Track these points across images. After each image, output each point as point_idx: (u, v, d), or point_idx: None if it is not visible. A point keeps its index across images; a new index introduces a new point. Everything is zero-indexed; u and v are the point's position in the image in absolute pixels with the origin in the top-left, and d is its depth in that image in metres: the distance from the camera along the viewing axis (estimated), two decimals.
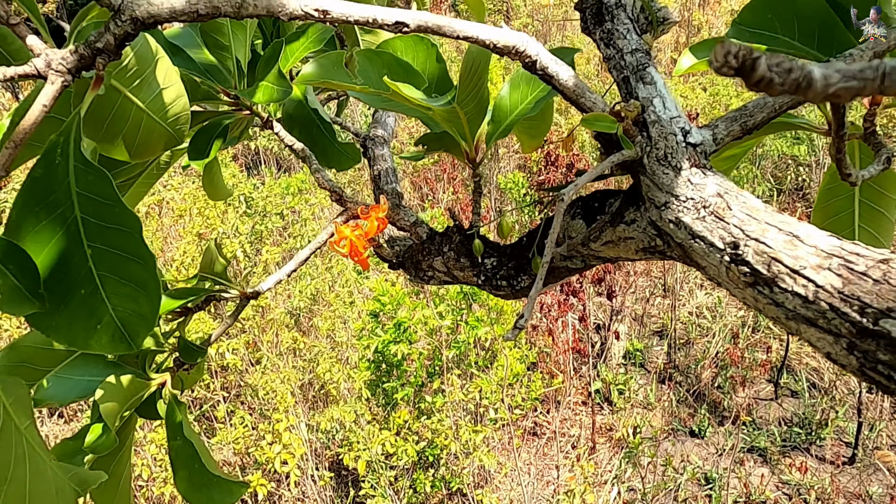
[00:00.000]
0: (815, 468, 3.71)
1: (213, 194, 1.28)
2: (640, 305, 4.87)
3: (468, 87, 0.69)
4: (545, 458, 3.96)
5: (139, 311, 0.48)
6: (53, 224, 0.46)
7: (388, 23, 0.52)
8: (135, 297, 0.48)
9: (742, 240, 0.50)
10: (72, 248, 0.47)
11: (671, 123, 0.60)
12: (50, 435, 4.08)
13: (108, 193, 0.46)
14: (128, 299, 0.48)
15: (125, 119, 0.71)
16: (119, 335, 0.48)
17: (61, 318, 0.47)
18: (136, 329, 0.49)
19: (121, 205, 0.47)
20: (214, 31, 0.94)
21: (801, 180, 5.62)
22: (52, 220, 0.46)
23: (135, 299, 0.48)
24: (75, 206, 0.47)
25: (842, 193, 0.82)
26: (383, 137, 1.31)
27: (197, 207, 4.65)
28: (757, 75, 0.21)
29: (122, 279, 0.48)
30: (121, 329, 0.48)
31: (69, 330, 0.47)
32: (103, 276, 0.48)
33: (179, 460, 0.82)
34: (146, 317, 0.48)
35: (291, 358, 3.98)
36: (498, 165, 5.91)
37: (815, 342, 0.44)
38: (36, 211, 0.46)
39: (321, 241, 0.96)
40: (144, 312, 0.48)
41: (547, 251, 0.59)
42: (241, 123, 1.04)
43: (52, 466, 0.50)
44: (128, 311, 0.48)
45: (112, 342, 0.49)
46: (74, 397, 0.82)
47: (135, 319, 0.49)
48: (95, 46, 0.49)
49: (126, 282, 0.48)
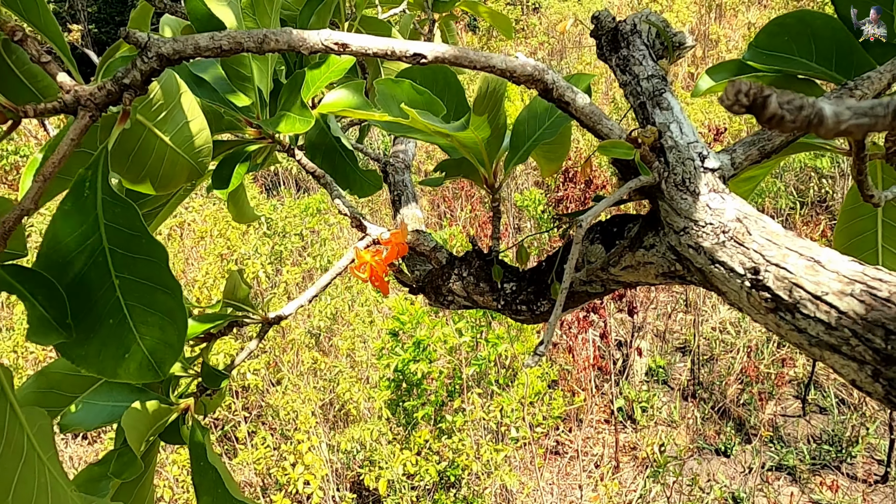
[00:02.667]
0: (845, 487, 3.63)
1: (239, 217, 1.30)
2: (661, 321, 4.82)
3: (483, 111, 0.70)
4: (568, 477, 3.92)
5: (166, 340, 0.49)
6: (82, 255, 0.48)
7: (407, 55, 0.53)
8: (162, 325, 0.49)
9: (762, 265, 0.50)
10: (100, 278, 0.48)
11: (688, 149, 0.60)
12: (74, 457, 4.12)
13: (135, 225, 0.48)
14: (155, 328, 0.49)
15: (150, 152, 0.73)
16: (147, 363, 0.50)
17: (91, 347, 0.48)
18: (163, 357, 0.50)
19: (148, 236, 0.49)
20: (235, 63, 0.96)
21: (823, 192, 5.56)
22: (81, 251, 0.48)
23: (162, 328, 0.49)
24: (103, 237, 0.48)
25: (864, 213, 0.81)
26: (404, 162, 1.33)
27: (218, 229, 4.70)
28: (768, 113, 0.21)
29: (149, 308, 0.49)
30: (148, 358, 0.49)
31: (98, 359, 0.49)
32: (131, 305, 0.49)
33: (203, 486, 0.83)
34: (173, 345, 0.49)
35: (312, 378, 3.99)
36: (515, 183, 5.91)
37: (839, 369, 0.43)
38: (67, 242, 0.48)
39: (342, 267, 0.97)
40: (171, 341, 0.49)
41: (566, 277, 0.59)
42: (265, 151, 1.06)
43: (72, 497, 0.51)
44: (155, 340, 0.49)
45: (140, 370, 0.50)
46: (100, 423, 0.83)
47: (162, 348, 0.50)
48: (122, 82, 0.51)
49: (153, 311, 0.49)
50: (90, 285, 0.49)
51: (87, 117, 0.52)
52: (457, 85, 0.94)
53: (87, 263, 0.48)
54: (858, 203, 0.80)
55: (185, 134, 0.75)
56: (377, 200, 6.09)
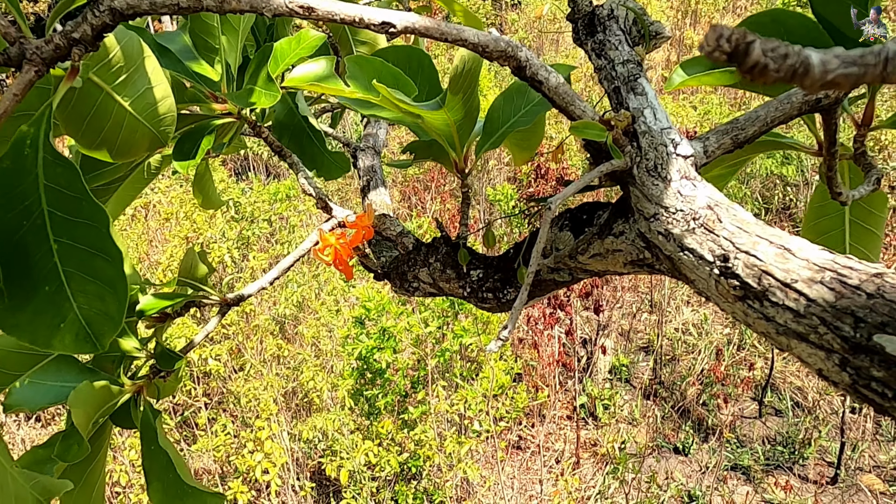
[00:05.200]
0: (797, 487, 3.71)
1: (205, 203, 1.26)
2: (626, 321, 4.87)
3: (458, 91, 0.68)
4: (529, 472, 3.93)
5: (105, 311, 0.46)
6: (19, 217, 0.44)
7: (375, 22, 0.51)
8: (101, 295, 0.46)
9: (732, 252, 0.49)
10: (37, 242, 0.45)
11: (661, 134, 0.59)
12: (26, 439, 4.01)
13: (76, 187, 0.45)
14: (94, 297, 0.46)
15: (107, 117, 0.69)
16: (84, 335, 0.46)
17: (23, 315, 0.45)
18: (101, 329, 0.47)
19: (89, 198, 0.45)
20: (204, 32, 0.92)
21: (788, 200, 5.66)
22: (18, 213, 0.44)
23: (101, 297, 0.46)
24: (42, 198, 0.45)
25: (831, 212, 0.81)
26: (374, 148, 1.30)
27: (184, 211, 4.61)
28: (751, 60, 0.20)
29: (88, 276, 0.46)
30: (86, 328, 0.46)
31: (32, 328, 0.45)
32: (69, 272, 0.46)
33: (154, 471, 0.80)
34: (113, 316, 0.46)
35: (275, 365, 3.94)
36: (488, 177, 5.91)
37: (806, 358, 0.43)
38: (2, 203, 0.44)
39: (305, 249, 0.94)
40: (111, 312, 0.46)
41: (533, 261, 0.58)
42: (230, 128, 1.03)
43: (13, 474, 0.48)
44: (94, 310, 0.46)
45: (76, 342, 0.47)
46: (46, 403, 0.80)
47: (101, 319, 0.47)
48: (72, 37, 0.48)
49: (93, 279, 0.46)
50: (27, 249, 0.46)
51: (32, 72, 0.49)
52: (430, 67, 0.91)
53: (24, 226, 0.45)
54: (826, 201, 0.80)
55: (147, 100, 0.72)
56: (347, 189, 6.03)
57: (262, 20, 1.03)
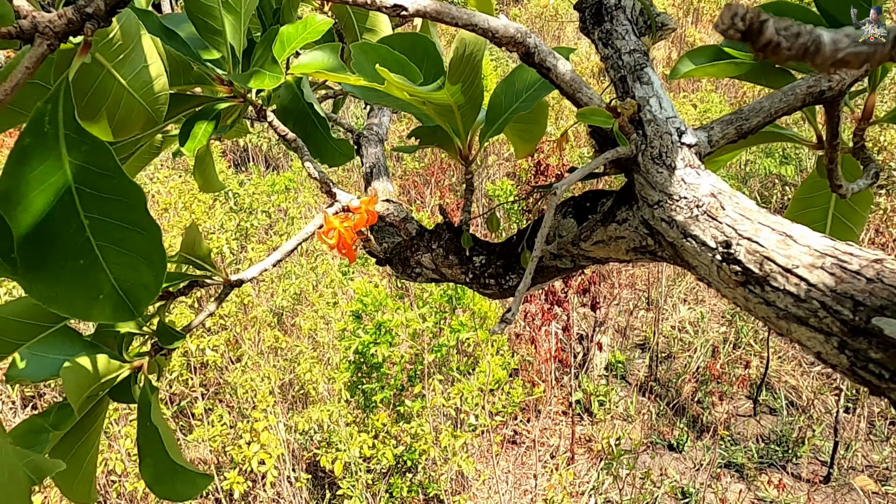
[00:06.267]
0: (791, 486, 3.73)
1: (205, 186, 1.26)
2: (623, 318, 4.88)
3: (460, 74, 0.68)
4: (524, 466, 3.95)
5: (141, 281, 0.48)
6: (44, 193, 0.45)
7: (387, 5, 0.52)
8: (136, 266, 0.47)
9: (735, 239, 0.50)
10: (67, 218, 0.46)
11: (667, 123, 0.60)
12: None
13: (104, 164, 0.45)
14: (129, 269, 0.47)
15: (106, 95, 0.69)
16: (122, 304, 0.48)
17: (59, 287, 0.46)
18: (138, 297, 0.49)
19: (121, 175, 0.46)
20: (204, 13, 0.92)
21: (786, 199, 5.68)
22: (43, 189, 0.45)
23: (136, 268, 0.48)
24: (68, 175, 0.46)
25: (816, 205, 0.82)
26: (377, 135, 1.30)
27: (183, 202, 4.60)
28: (764, 38, 0.21)
29: (123, 249, 0.47)
30: (123, 298, 0.48)
31: (69, 300, 0.47)
32: (102, 246, 0.47)
33: (146, 448, 0.80)
34: (149, 286, 0.48)
35: (272, 357, 3.94)
36: (487, 173, 5.92)
37: (805, 342, 0.43)
38: (27, 179, 0.45)
39: (309, 232, 0.94)
40: (147, 282, 0.48)
41: (537, 246, 0.59)
42: (234, 111, 1.03)
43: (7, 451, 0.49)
44: (130, 281, 0.48)
45: (115, 311, 0.49)
46: (47, 375, 0.80)
47: (138, 288, 0.49)
48: (85, 11, 0.48)
49: (128, 252, 0.47)
50: (55, 224, 0.46)
51: (44, 45, 0.49)
52: (436, 55, 0.92)
53: (51, 202, 0.45)
54: (812, 193, 0.81)
55: (143, 78, 0.72)
56: (349, 181, 6.03)
57: (268, 4, 1.03)
